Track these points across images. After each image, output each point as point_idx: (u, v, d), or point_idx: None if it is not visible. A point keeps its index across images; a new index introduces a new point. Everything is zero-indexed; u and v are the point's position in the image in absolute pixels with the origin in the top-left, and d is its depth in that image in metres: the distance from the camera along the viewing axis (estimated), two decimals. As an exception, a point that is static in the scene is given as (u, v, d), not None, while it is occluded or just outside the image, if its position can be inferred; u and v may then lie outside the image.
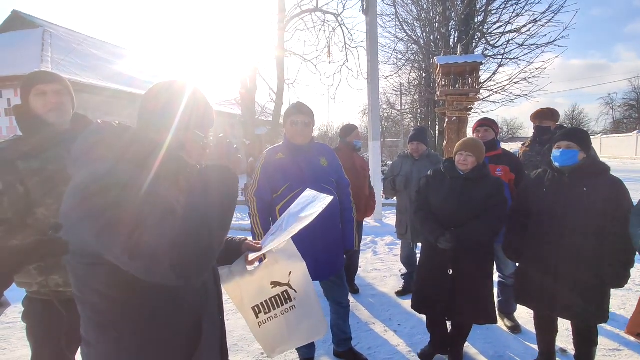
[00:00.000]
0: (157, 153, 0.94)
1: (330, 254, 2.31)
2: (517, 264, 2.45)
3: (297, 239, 2.17)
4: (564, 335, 2.68)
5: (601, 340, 2.41)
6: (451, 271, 2.29)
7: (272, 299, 1.31)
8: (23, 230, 1.44)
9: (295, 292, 1.33)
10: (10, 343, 2.91)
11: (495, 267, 3.11)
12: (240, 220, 7.93)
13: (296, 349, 2.52)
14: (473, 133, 3.04)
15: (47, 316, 1.54)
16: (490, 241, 2.35)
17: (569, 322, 2.29)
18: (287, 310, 1.32)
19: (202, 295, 1.04)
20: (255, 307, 1.31)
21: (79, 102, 1.75)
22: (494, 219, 2.23)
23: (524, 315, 3.07)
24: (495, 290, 3.18)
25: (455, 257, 2.27)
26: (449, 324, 2.62)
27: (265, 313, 1.31)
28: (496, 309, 2.43)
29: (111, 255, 0.83)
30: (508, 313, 3.07)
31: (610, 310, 2.11)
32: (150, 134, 0.98)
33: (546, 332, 2.35)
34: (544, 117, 3.22)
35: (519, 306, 2.96)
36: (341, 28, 10.36)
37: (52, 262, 0.82)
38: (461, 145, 2.32)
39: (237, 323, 3.00)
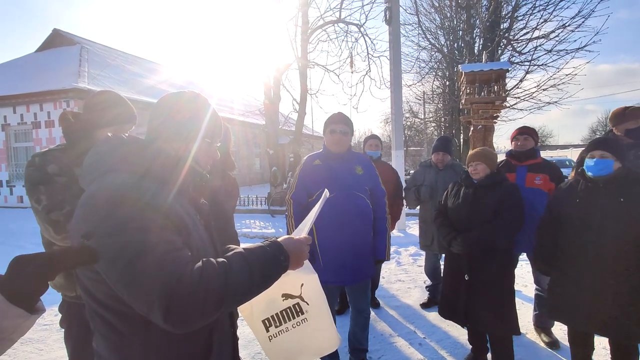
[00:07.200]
0: (159, 157, 0.95)
1: (358, 260, 2.32)
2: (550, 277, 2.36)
3: (326, 242, 2.21)
4: (602, 354, 2.53)
5: (643, 360, 2.27)
6: (467, 277, 2.32)
7: (283, 311, 1.27)
8: None
9: (308, 304, 1.27)
10: (47, 344, 3.04)
11: (533, 279, 3.01)
12: (264, 228, 8.03)
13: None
14: (511, 141, 2.99)
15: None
16: (507, 246, 2.35)
17: (606, 338, 2.17)
18: (298, 324, 1.27)
19: None
20: (266, 321, 1.27)
21: None
22: (505, 222, 2.25)
23: (557, 331, 2.93)
24: (532, 304, 3.08)
25: (471, 262, 2.31)
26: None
27: (276, 326, 1.27)
28: (518, 319, 2.33)
29: (108, 279, 0.82)
30: (545, 327, 2.93)
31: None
32: (159, 142, 0.99)
33: (582, 348, 2.23)
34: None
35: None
36: (364, 38, 10.43)
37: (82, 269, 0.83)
38: (470, 157, 2.46)
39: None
